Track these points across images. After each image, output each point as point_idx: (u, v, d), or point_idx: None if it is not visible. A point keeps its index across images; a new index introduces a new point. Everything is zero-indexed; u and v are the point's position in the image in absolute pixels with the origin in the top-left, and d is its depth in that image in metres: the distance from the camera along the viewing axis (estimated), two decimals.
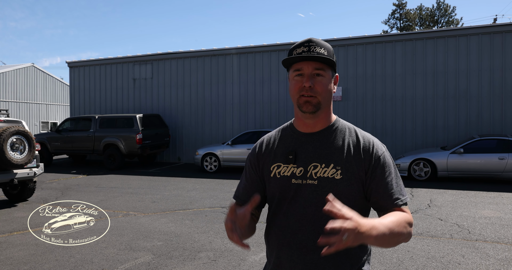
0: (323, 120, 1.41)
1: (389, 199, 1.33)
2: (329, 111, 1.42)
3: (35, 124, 28.18)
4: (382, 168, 1.34)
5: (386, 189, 1.33)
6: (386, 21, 37.99)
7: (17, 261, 4.60)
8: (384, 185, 1.33)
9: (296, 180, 1.38)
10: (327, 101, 1.38)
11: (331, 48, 1.39)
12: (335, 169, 1.34)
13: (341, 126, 1.43)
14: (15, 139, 7.29)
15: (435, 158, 9.88)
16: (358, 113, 13.08)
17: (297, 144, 1.42)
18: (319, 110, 1.35)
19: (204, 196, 8.40)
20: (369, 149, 1.36)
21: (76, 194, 8.83)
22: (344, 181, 1.33)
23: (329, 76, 1.36)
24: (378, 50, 13.01)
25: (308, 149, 1.39)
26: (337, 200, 1.17)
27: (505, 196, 7.97)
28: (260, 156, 1.50)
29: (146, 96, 16.31)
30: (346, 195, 1.33)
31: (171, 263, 4.46)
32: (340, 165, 1.34)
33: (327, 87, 1.35)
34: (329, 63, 1.34)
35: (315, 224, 1.34)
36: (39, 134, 15.26)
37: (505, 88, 11.72)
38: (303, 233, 1.36)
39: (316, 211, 1.34)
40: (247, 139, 12.17)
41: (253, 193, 1.46)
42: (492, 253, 4.63)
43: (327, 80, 1.35)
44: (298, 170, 1.38)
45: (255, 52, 14.60)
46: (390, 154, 1.41)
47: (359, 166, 1.34)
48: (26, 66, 28.00)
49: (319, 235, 1.26)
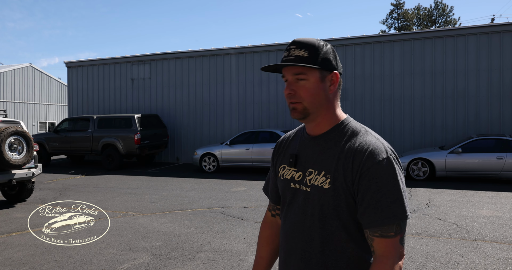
0: (323, 124, 1.31)
1: (366, 216, 1.18)
2: (329, 114, 1.30)
3: (33, 125, 28.11)
4: (369, 179, 1.17)
5: (368, 204, 1.17)
6: (384, 21, 38.09)
7: (16, 262, 4.58)
8: (367, 199, 1.17)
9: (294, 184, 1.34)
10: (320, 105, 1.27)
11: (317, 45, 1.26)
12: (325, 177, 1.24)
13: (345, 129, 1.29)
14: (13, 140, 7.27)
15: (433, 158, 9.90)
16: (356, 113, 13.09)
17: (301, 147, 1.36)
18: (308, 115, 1.28)
19: (202, 196, 8.40)
20: (360, 157, 1.19)
21: (74, 194, 8.81)
22: (331, 191, 1.22)
23: (315, 78, 1.25)
24: (376, 50, 13.03)
25: (308, 153, 1.32)
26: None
27: (503, 196, 7.99)
28: (275, 154, 1.49)
29: (144, 96, 16.28)
30: (333, 206, 1.22)
31: (170, 263, 4.46)
32: (330, 173, 1.23)
33: (313, 91, 1.25)
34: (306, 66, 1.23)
35: (304, 232, 1.29)
36: (37, 135, 15.22)
37: (503, 88, 11.75)
38: (293, 240, 1.32)
39: (305, 219, 1.29)
40: (245, 139, 12.17)
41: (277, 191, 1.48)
42: (491, 253, 4.64)
43: (312, 83, 1.25)
44: (297, 174, 1.33)
45: (254, 52, 14.60)
46: (392, 163, 1.19)
47: (346, 175, 1.20)
48: (24, 66, 27.93)
49: (306, 244, 1.28)
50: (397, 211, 1.15)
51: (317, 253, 1.26)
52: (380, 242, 1.17)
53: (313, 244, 1.27)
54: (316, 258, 1.26)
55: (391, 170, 1.18)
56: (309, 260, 1.28)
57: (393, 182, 1.17)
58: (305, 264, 1.29)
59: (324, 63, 1.26)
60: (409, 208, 1.22)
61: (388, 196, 1.15)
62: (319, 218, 1.25)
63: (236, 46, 14.97)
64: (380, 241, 1.17)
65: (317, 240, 1.26)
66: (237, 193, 8.65)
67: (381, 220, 1.15)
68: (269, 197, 1.56)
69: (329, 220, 1.24)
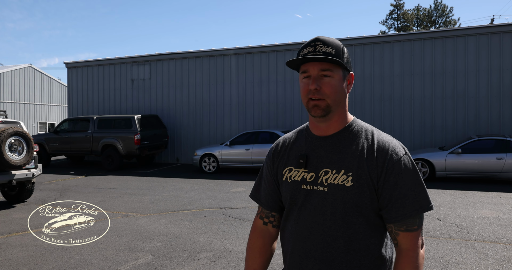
0: (337, 123, 1.32)
1: (393, 211, 1.23)
2: (343, 113, 1.33)
3: (32, 125, 28.11)
4: (395, 175, 1.22)
5: (396, 199, 1.22)
6: (383, 21, 38.11)
7: (16, 262, 4.59)
8: (395, 195, 1.22)
9: (306, 185, 1.31)
10: (339, 103, 1.29)
11: (341, 45, 1.30)
12: (345, 175, 1.24)
13: (357, 128, 1.33)
14: (13, 140, 7.28)
15: (433, 158, 9.91)
16: (356, 113, 13.09)
17: (310, 148, 1.34)
18: (329, 113, 1.28)
19: (203, 196, 8.40)
20: (383, 154, 1.24)
21: (74, 195, 8.81)
22: (355, 188, 1.23)
23: (339, 76, 1.27)
24: (376, 50, 13.04)
25: (321, 153, 1.31)
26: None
27: (503, 196, 8.00)
28: (275, 157, 1.45)
29: (144, 97, 16.29)
30: (356, 203, 1.24)
31: (170, 264, 4.46)
32: (352, 171, 1.24)
33: (337, 88, 1.27)
34: (337, 62, 1.25)
35: (324, 233, 1.28)
36: (37, 135, 15.21)
37: (502, 89, 11.76)
38: (311, 242, 1.30)
39: (324, 219, 1.28)
40: (245, 140, 12.18)
41: (274, 197, 1.44)
42: (491, 253, 4.64)
43: (337, 81, 1.27)
44: (309, 175, 1.31)
45: (254, 52, 14.60)
46: (411, 159, 1.27)
47: (372, 172, 1.23)
48: (23, 67, 27.93)
49: (327, 245, 1.27)
50: (423, 203, 1.23)
51: (341, 253, 1.25)
52: (406, 236, 1.23)
53: (335, 244, 1.26)
54: (339, 258, 1.26)
55: (413, 166, 1.25)
56: (331, 261, 1.27)
57: (416, 176, 1.24)
58: (327, 266, 1.27)
59: (347, 63, 1.31)
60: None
61: (414, 190, 1.22)
62: (342, 216, 1.25)
63: (236, 47, 14.98)
64: (405, 235, 1.23)
65: (341, 240, 1.25)
66: (237, 193, 8.65)
67: (409, 213, 1.21)
68: (261, 204, 1.49)
69: (353, 218, 1.25)
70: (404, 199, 1.21)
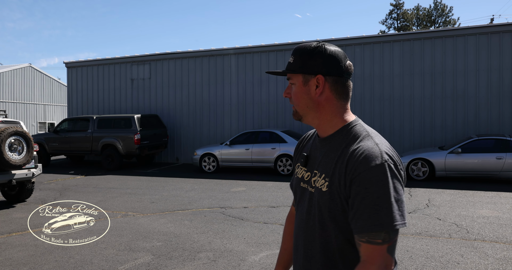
0: (325, 126, 1.32)
1: (354, 221, 1.16)
2: (327, 116, 1.31)
3: (32, 125, 28.10)
4: (359, 185, 1.15)
5: (356, 209, 1.15)
6: (383, 21, 38.08)
7: (17, 262, 4.59)
8: (356, 205, 1.15)
9: (303, 184, 1.37)
10: (305, 108, 1.31)
11: (308, 50, 1.29)
12: (324, 180, 1.25)
13: (350, 132, 1.28)
14: (13, 140, 7.27)
15: (433, 158, 9.91)
16: (356, 113, 13.02)
17: (313, 147, 1.39)
18: (301, 118, 1.35)
19: (202, 196, 8.40)
20: (353, 162, 1.17)
21: (74, 194, 8.82)
22: (328, 194, 1.23)
23: (299, 82, 1.30)
24: (376, 50, 13.04)
25: (317, 155, 1.35)
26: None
27: (503, 196, 8.00)
28: (296, 152, 1.54)
29: (144, 97, 16.29)
30: (329, 209, 1.23)
31: (170, 263, 4.46)
32: (328, 176, 1.24)
33: (298, 95, 1.31)
34: (285, 72, 1.32)
35: (306, 232, 1.32)
36: (36, 135, 15.21)
37: (502, 88, 11.77)
38: (299, 238, 1.37)
39: (308, 219, 1.31)
40: (245, 140, 12.17)
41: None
42: (491, 253, 4.65)
43: (297, 88, 1.31)
44: (306, 174, 1.37)
45: (253, 52, 14.60)
46: (385, 170, 1.15)
47: (341, 179, 1.20)
48: (23, 67, 27.92)
49: (308, 243, 1.32)
50: (384, 219, 1.11)
51: (317, 253, 1.28)
52: (367, 248, 1.14)
53: (314, 244, 1.29)
54: (316, 257, 1.29)
55: (383, 177, 1.14)
56: (311, 258, 1.31)
57: (383, 190, 1.13)
58: (308, 263, 1.32)
59: (306, 68, 1.28)
60: (405, 217, 1.14)
61: (377, 204, 1.12)
62: (319, 219, 1.27)
63: (236, 46, 14.97)
64: (366, 247, 1.14)
65: (318, 241, 1.28)
66: (237, 193, 8.65)
67: (368, 226, 1.12)
68: (293, 192, 1.54)
69: (327, 222, 1.25)
70: (365, 211, 1.13)
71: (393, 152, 1.22)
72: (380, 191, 1.12)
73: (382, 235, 1.12)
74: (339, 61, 1.28)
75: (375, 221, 1.12)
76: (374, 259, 1.13)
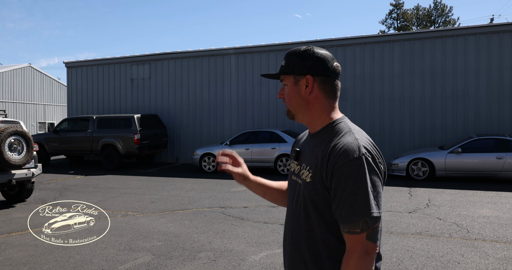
0: (315, 123, 1.43)
1: (337, 212, 1.26)
2: (312, 114, 1.42)
3: (32, 125, 28.10)
4: (339, 177, 1.24)
5: (338, 201, 1.25)
6: (383, 21, 38.06)
7: (16, 262, 4.58)
8: (337, 197, 1.25)
9: (294, 177, 1.49)
10: (296, 106, 1.43)
11: (297, 53, 1.40)
12: (308, 172, 1.37)
13: (334, 129, 1.37)
14: (13, 140, 7.27)
15: (433, 158, 9.91)
16: (356, 113, 13.10)
17: (304, 144, 1.51)
18: (294, 116, 1.47)
19: (202, 196, 8.40)
20: (334, 156, 1.27)
21: (74, 194, 8.81)
22: (311, 185, 1.34)
23: (290, 83, 1.42)
24: (376, 50, 13.03)
25: (306, 149, 1.46)
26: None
27: (503, 196, 8.00)
28: (292, 149, 1.63)
29: (144, 97, 16.28)
30: (311, 198, 1.34)
31: (171, 263, 4.46)
32: (312, 169, 1.35)
33: (290, 95, 1.43)
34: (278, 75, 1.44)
35: (293, 220, 1.43)
36: (36, 135, 15.20)
37: (502, 88, 11.76)
38: (288, 226, 1.49)
39: (295, 208, 1.43)
40: (245, 139, 12.17)
41: None
42: (491, 252, 4.64)
43: (289, 88, 1.43)
44: (297, 167, 1.47)
45: (253, 52, 14.60)
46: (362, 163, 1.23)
47: (322, 172, 1.30)
48: (23, 67, 27.91)
49: (294, 231, 1.43)
50: (361, 208, 1.21)
51: (303, 240, 1.38)
52: (348, 238, 1.24)
53: (299, 231, 1.40)
54: (301, 244, 1.39)
55: (360, 170, 1.23)
56: (296, 245, 1.41)
57: (360, 181, 1.22)
58: (294, 249, 1.43)
59: (296, 69, 1.40)
60: (380, 207, 1.23)
61: (355, 194, 1.21)
62: (304, 208, 1.38)
63: (236, 46, 14.97)
64: (348, 237, 1.24)
65: (303, 228, 1.38)
66: (237, 193, 8.65)
67: (348, 216, 1.22)
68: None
69: (311, 211, 1.35)
70: (345, 202, 1.23)
71: (372, 146, 1.30)
72: (358, 183, 1.22)
73: (360, 224, 1.21)
74: (327, 62, 1.38)
75: (354, 211, 1.21)
76: (354, 248, 1.23)
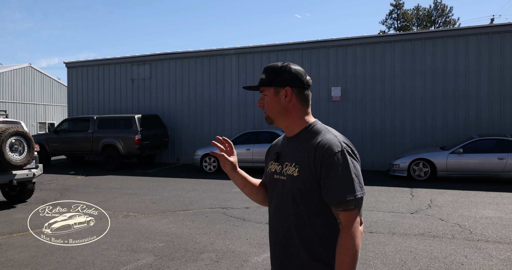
0: (293, 127, 1.66)
1: (329, 196, 1.50)
2: (291, 119, 1.66)
3: (32, 125, 28.06)
4: (327, 167, 1.49)
5: (329, 187, 1.49)
6: (383, 21, 38.04)
7: (18, 263, 4.56)
8: (328, 183, 1.49)
9: (276, 175, 1.69)
10: (276, 114, 1.66)
11: (276, 68, 1.64)
12: (294, 167, 1.59)
13: (312, 130, 1.63)
14: (14, 140, 7.25)
15: (434, 158, 9.89)
16: (357, 113, 13.08)
17: (282, 146, 1.73)
18: (273, 122, 1.69)
19: (204, 196, 8.38)
20: (320, 150, 1.52)
21: (75, 195, 8.79)
22: (299, 178, 1.56)
23: (271, 93, 1.65)
24: (377, 50, 13.02)
25: (286, 150, 1.68)
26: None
27: (505, 196, 7.98)
28: (267, 154, 1.86)
29: (144, 97, 16.26)
30: (300, 189, 1.56)
31: (173, 264, 4.44)
32: (298, 164, 1.58)
33: (270, 103, 1.66)
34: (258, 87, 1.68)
35: (282, 212, 1.64)
36: (37, 135, 15.17)
37: (503, 88, 11.75)
38: (276, 219, 1.68)
39: (283, 201, 1.63)
40: (246, 140, 12.15)
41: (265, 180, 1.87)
42: (495, 253, 4.63)
43: (270, 98, 1.66)
44: (278, 167, 1.69)
45: (254, 52, 14.58)
46: (345, 155, 1.50)
47: (311, 165, 1.54)
48: (23, 67, 27.88)
49: (283, 221, 1.64)
50: (350, 189, 1.47)
51: (292, 227, 1.60)
52: (344, 215, 1.48)
53: (288, 220, 1.61)
54: (291, 231, 1.61)
55: (344, 160, 1.50)
56: (286, 233, 1.63)
57: (346, 169, 1.49)
58: (284, 237, 1.63)
59: (277, 82, 1.64)
60: (363, 188, 1.50)
61: (343, 179, 1.48)
62: (292, 199, 1.59)
63: (236, 47, 14.95)
64: (343, 214, 1.48)
65: (292, 217, 1.60)
66: (238, 193, 8.62)
67: (338, 198, 1.47)
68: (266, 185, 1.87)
69: (299, 201, 1.58)
70: (335, 187, 1.48)
71: (347, 140, 1.59)
72: (343, 170, 1.49)
73: (353, 202, 1.47)
74: (302, 76, 1.65)
75: (344, 192, 1.47)
76: (351, 222, 1.48)
